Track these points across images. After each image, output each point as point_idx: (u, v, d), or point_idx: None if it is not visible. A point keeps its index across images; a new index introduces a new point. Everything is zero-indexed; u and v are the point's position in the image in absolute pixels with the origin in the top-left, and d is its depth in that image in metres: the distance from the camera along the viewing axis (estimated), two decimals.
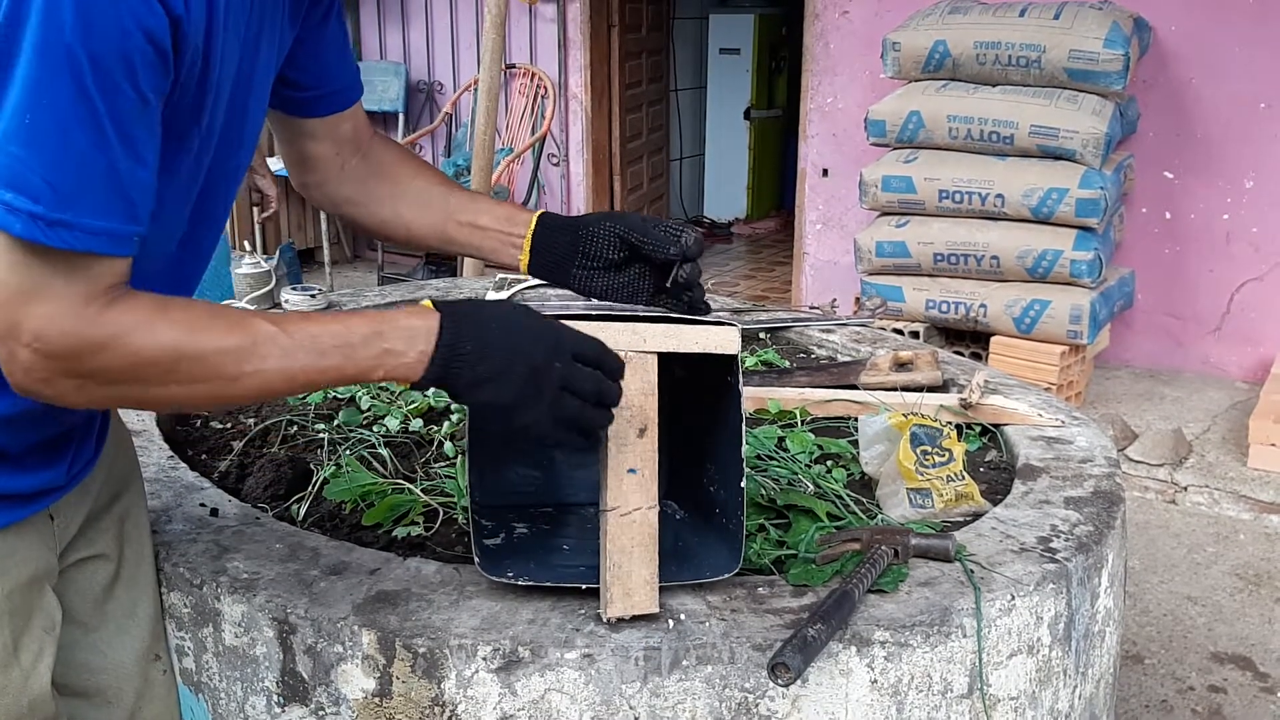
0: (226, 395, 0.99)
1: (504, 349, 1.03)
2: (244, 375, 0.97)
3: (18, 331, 0.89)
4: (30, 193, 0.85)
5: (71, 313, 0.89)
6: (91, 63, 0.85)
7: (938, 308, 4.33)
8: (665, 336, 1.18)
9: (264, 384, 0.98)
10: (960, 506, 1.49)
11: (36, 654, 1.09)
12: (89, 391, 0.94)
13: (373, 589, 1.23)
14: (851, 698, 1.18)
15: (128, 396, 0.98)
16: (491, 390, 1.03)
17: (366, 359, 1.01)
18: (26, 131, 0.84)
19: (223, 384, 0.97)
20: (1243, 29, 4.34)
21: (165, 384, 0.95)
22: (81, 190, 0.87)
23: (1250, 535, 3.56)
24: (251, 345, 0.97)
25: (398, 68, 6.62)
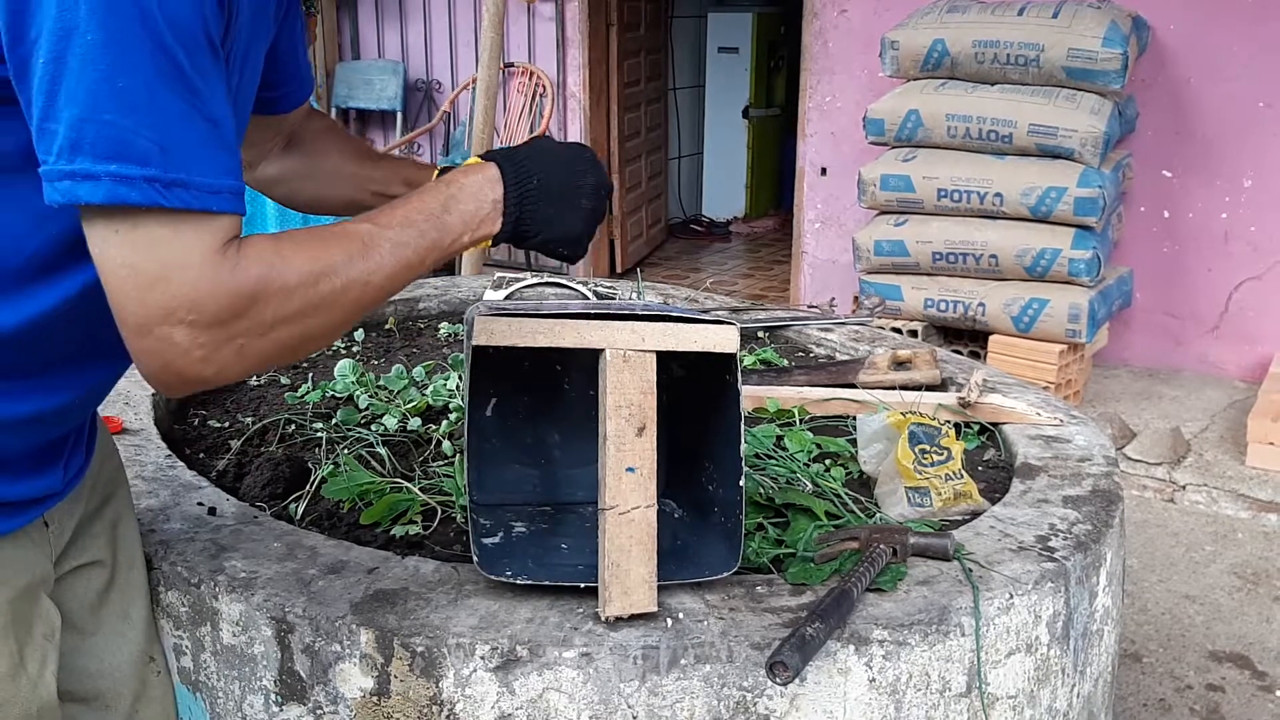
0: (364, 300, 0.98)
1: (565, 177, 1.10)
2: (371, 274, 0.97)
3: (171, 312, 0.85)
4: (138, 158, 0.82)
5: (214, 275, 0.86)
6: (168, 19, 0.82)
7: (936, 306, 4.33)
8: (664, 335, 1.17)
9: (389, 277, 0.99)
10: (959, 505, 1.49)
11: (41, 662, 1.09)
12: (251, 349, 0.91)
13: (371, 588, 1.23)
14: (850, 696, 1.18)
15: (285, 342, 0.94)
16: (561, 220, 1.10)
17: (455, 225, 1.04)
18: (119, 96, 0.81)
19: (358, 290, 0.96)
20: (1242, 28, 4.34)
21: (315, 312, 0.94)
22: (188, 147, 0.84)
23: (1248, 534, 3.56)
24: (363, 245, 0.97)
25: (396, 66, 6.61)
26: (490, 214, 1.06)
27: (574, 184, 1.11)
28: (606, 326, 1.16)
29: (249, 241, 0.91)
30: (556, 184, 1.10)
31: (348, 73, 6.71)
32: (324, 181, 1.37)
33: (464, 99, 6.17)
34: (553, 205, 1.09)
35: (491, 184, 1.07)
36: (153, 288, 0.84)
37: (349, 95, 6.69)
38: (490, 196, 1.06)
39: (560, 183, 1.10)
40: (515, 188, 1.07)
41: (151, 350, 0.87)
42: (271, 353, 0.94)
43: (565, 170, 1.11)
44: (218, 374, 0.90)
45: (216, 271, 0.86)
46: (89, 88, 0.80)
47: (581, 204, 1.12)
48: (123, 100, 0.81)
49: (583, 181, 1.12)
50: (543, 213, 1.08)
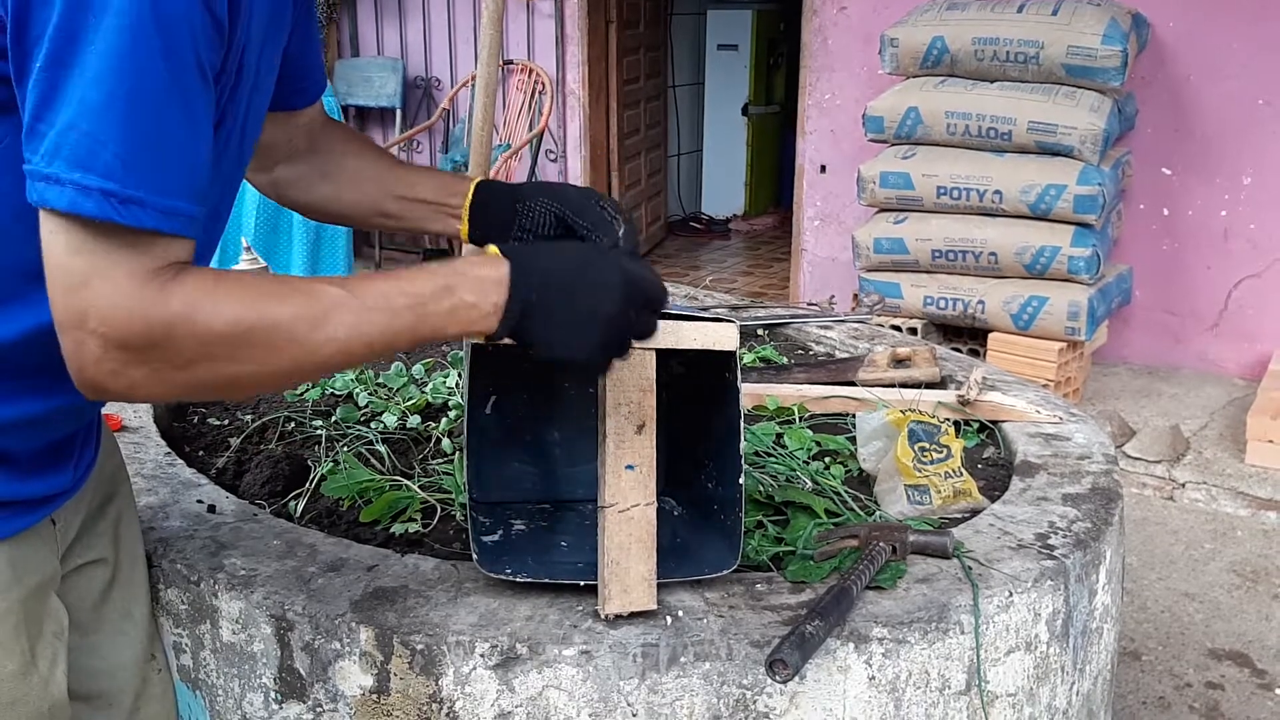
0: (304, 366, 0.94)
1: (579, 301, 1.00)
2: (319, 343, 0.92)
3: (84, 319, 0.85)
4: (101, 170, 0.82)
5: (134, 293, 0.85)
6: (161, 36, 0.83)
7: (936, 304, 4.33)
8: (663, 333, 1.17)
9: (341, 350, 0.94)
10: (958, 503, 1.49)
11: (52, 660, 1.09)
12: (164, 378, 0.89)
13: (370, 586, 1.23)
14: (849, 694, 1.18)
15: (204, 381, 0.91)
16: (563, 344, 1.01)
17: (439, 315, 0.97)
18: (96, 108, 0.82)
19: (299, 354, 0.92)
20: (1241, 26, 4.34)
21: (240, 361, 0.90)
22: (154, 167, 0.84)
23: (1248, 532, 3.56)
24: (323, 311, 0.93)
25: (395, 63, 6.61)
26: (487, 316, 0.98)
27: (589, 306, 1.00)
28: None
29: (188, 272, 0.89)
30: (568, 304, 1.00)
31: (347, 70, 6.71)
32: (344, 183, 1.34)
33: (463, 96, 6.17)
34: (558, 327, 1.00)
35: (497, 286, 0.98)
36: (75, 291, 0.85)
37: (348, 92, 6.68)
38: (492, 299, 0.98)
39: (574, 304, 1.00)
40: (520, 301, 0.99)
41: (69, 351, 0.87)
42: (192, 386, 0.91)
43: (584, 291, 1.01)
44: (129, 391, 0.89)
45: (140, 292, 0.86)
46: (76, 96, 0.82)
47: (592, 330, 1.01)
48: (100, 112, 0.82)
49: (600, 306, 1.01)
50: (544, 332, 1.00)
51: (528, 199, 1.27)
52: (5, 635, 1.04)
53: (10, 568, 1.04)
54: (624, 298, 1.02)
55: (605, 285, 1.01)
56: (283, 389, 0.95)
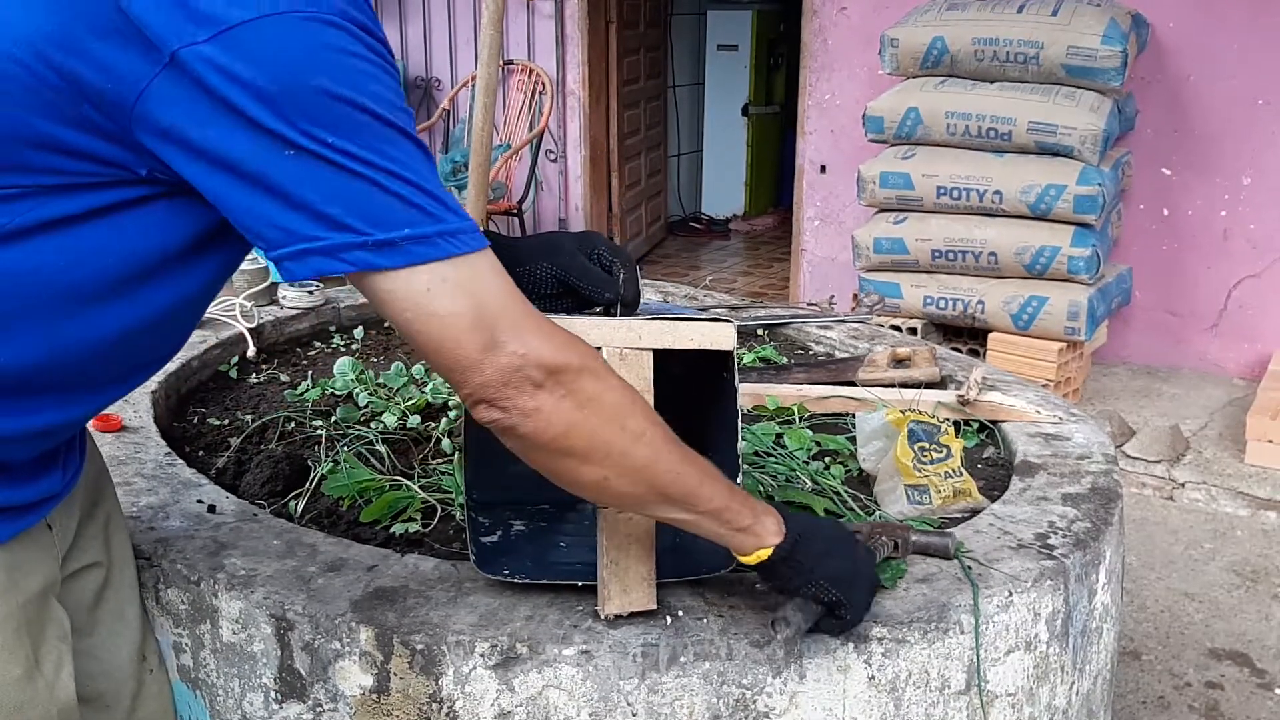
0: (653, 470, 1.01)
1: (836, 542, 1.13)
2: (669, 457, 1.01)
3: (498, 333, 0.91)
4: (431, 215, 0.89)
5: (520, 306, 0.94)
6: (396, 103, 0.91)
7: (935, 304, 4.33)
8: (661, 333, 1.17)
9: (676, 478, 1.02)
10: (958, 503, 1.49)
11: (57, 664, 1.09)
12: (566, 409, 0.94)
13: (370, 585, 1.23)
14: (849, 694, 1.18)
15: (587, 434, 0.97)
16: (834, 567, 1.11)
17: (741, 500, 1.08)
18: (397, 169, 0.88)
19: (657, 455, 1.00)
20: (1241, 26, 4.34)
21: (623, 427, 0.98)
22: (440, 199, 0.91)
23: (1247, 531, 3.56)
24: (665, 433, 1.02)
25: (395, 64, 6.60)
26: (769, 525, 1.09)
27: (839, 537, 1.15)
28: (603, 324, 1.16)
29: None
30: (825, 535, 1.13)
31: None
32: None
33: (463, 96, 6.17)
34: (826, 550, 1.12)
35: (776, 530, 1.10)
36: (482, 330, 0.91)
37: None
38: (772, 515, 1.10)
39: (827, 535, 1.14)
40: (789, 547, 1.10)
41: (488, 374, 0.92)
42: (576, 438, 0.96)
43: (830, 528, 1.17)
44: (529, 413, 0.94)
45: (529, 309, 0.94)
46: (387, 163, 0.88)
47: (852, 556, 1.14)
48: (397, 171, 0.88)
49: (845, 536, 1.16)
50: (818, 547, 1.11)
51: (527, 263, 1.27)
52: (8, 639, 1.03)
53: (8, 572, 1.04)
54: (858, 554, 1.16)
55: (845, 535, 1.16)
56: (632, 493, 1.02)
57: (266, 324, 2.19)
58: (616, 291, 1.22)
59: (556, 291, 1.26)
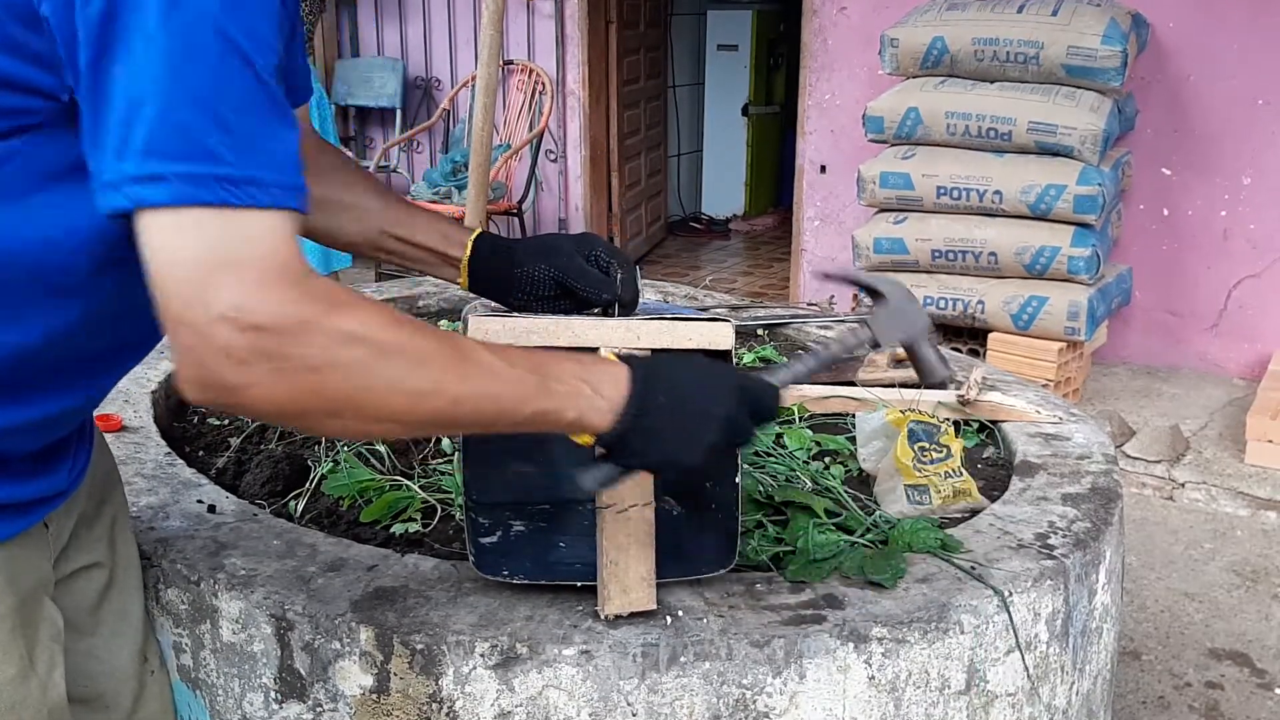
0: (427, 411, 0.88)
1: (692, 411, 1.00)
2: (438, 385, 0.87)
3: (212, 303, 0.78)
4: (208, 157, 0.79)
5: (273, 278, 0.80)
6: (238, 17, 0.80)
7: (935, 304, 4.33)
8: (659, 333, 1.17)
9: (456, 403, 0.88)
10: (958, 503, 1.49)
11: (50, 664, 1.09)
12: (287, 381, 0.81)
13: (370, 585, 1.23)
14: (849, 694, 1.18)
15: (323, 397, 0.84)
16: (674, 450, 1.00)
17: (563, 393, 0.95)
18: (189, 94, 0.78)
19: (420, 389, 0.87)
20: (1241, 26, 4.34)
21: (368, 384, 0.84)
22: (260, 146, 0.81)
23: (1247, 531, 3.56)
24: (448, 351, 0.89)
25: (395, 63, 6.61)
26: (604, 409, 0.96)
27: (704, 411, 1.00)
28: (601, 325, 1.16)
29: (323, 279, 0.85)
30: (683, 408, 0.99)
31: (347, 70, 6.71)
32: (346, 211, 1.32)
33: (463, 96, 6.16)
34: (671, 430, 0.99)
35: (616, 383, 0.98)
36: (198, 279, 0.79)
37: (348, 93, 6.69)
38: (609, 393, 0.97)
39: (688, 409, 0.99)
40: (639, 398, 0.97)
41: (185, 346, 0.81)
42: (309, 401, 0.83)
43: (701, 396, 1.01)
44: (245, 387, 0.81)
45: (277, 279, 0.80)
46: (161, 85, 0.78)
47: (704, 438, 1.00)
48: (195, 98, 0.79)
49: (715, 411, 1.01)
50: (656, 433, 0.98)
51: (526, 264, 1.27)
52: (3, 640, 1.03)
53: (4, 572, 1.03)
54: (738, 401, 1.03)
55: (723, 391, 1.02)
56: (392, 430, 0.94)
57: None
58: (614, 293, 1.22)
59: (554, 293, 1.26)
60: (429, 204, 5.58)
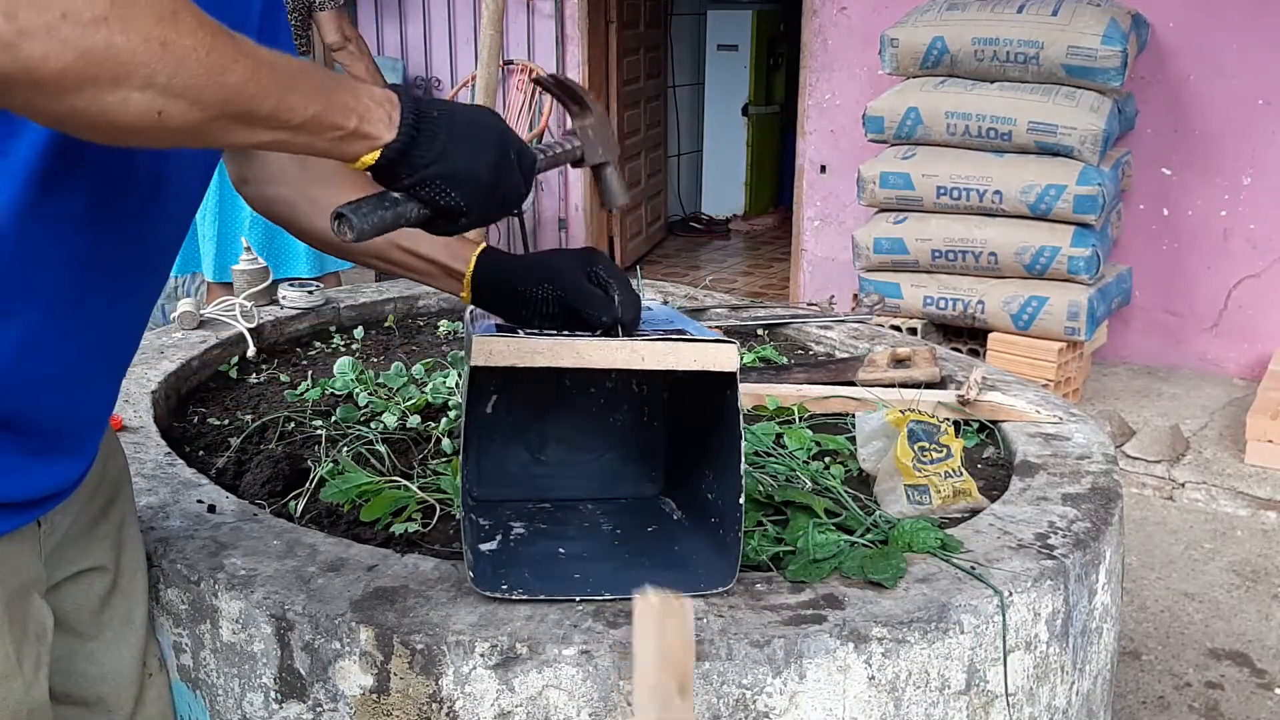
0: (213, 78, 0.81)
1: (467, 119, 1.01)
2: (232, 59, 0.82)
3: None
4: None
5: None
6: None
7: (935, 304, 4.33)
8: (664, 354, 1.18)
9: (248, 81, 0.83)
10: (958, 503, 1.49)
11: (35, 663, 1.08)
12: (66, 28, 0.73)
13: (370, 585, 1.23)
14: (849, 694, 1.18)
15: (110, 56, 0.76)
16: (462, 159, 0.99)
17: (343, 103, 0.92)
18: None
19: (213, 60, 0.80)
20: (1241, 26, 4.34)
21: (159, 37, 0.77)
22: None
23: (1247, 531, 3.56)
24: (235, 36, 0.84)
25: (395, 63, 6.61)
26: (383, 120, 0.95)
27: (477, 121, 1.02)
28: (606, 345, 1.16)
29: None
30: (457, 117, 1.00)
31: None
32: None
33: (463, 96, 6.17)
34: (453, 138, 0.99)
35: (392, 99, 0.97)
36: None
37: None
38: (390, 108, 0.96)
39: (461, 117, 1.01)
40: (412, 110, 0.97)
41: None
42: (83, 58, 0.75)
43: (470, 111, 1.03)
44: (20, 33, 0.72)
45: None
46: None
47: (486, 149, 1.01)
48: None
49: (488, 121, 1.03)
50: (440, 140, 0.98)
51: (529, 283, 1.26)
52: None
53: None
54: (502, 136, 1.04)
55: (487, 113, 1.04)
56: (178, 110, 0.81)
57: (266, 324, 2.19)
58: (614, 315, 1.22)
59: (556, 311, 1.26)
60: None
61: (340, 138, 0.93)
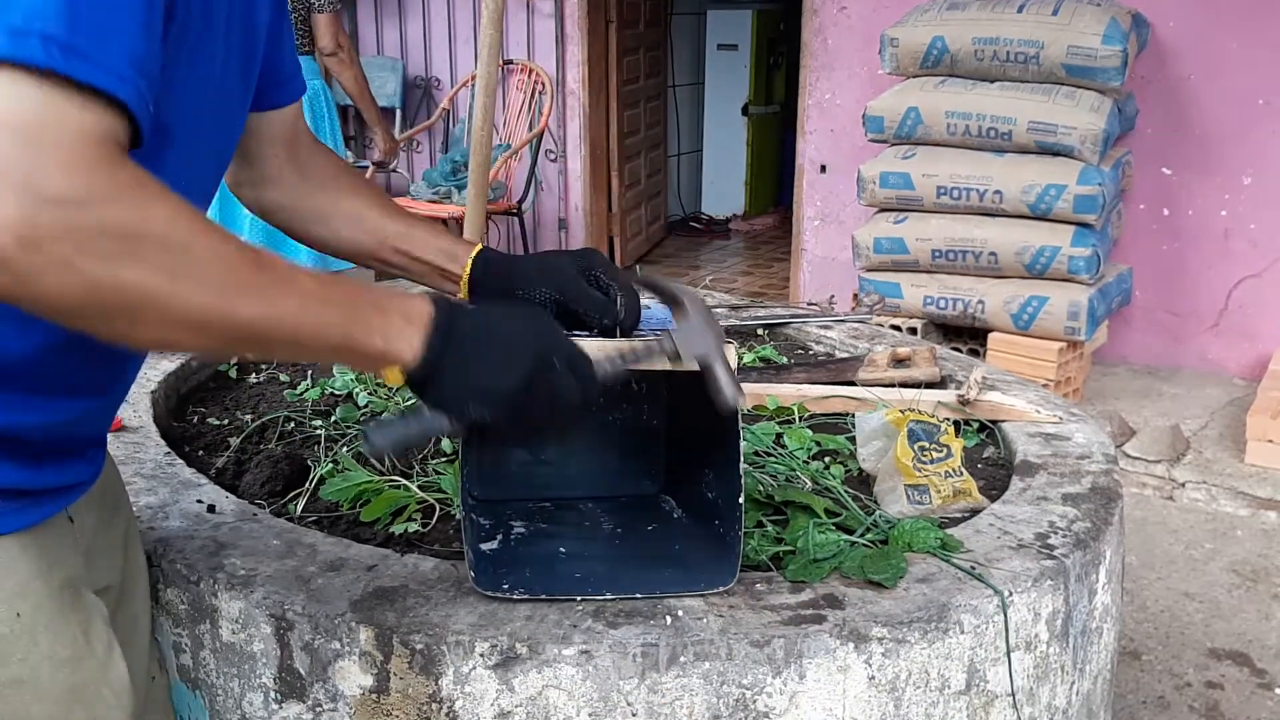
0: (236, 319, 0.82)
1: (502, 333, 0.97)
2: (246, 291, 0.82)
3: (8, 169, 0.72)
4: (49, 18, 0.74)
5: (79, 151, 0.74)
6: None
7: (936, 304, 4.33)
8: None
9: (265, 314, 0.83)
10: (958, 503, 1.49)
11: (107, 645, 1.06)
12: (80, 262, 0.74)
13: (370, 585, 1.23)
14: (849, 694, 1.18)
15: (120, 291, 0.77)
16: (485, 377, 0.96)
17: (368, 322, 0.90)
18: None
19: (226, 293, 0.81)
20: (1241, 26, 4.34)
21: (170, 270, 0.78)
22: (105, 27, 0.76)
23: (1247, 531, 3.56)
24: (256, 260, 0.84)
25: (395, 63, 6.61)
26: (409, 336, 0.93)
27: (514, 334, 0.97)
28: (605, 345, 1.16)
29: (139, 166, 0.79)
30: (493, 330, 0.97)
31: None
32: (346, 221, 1.30)
33: (463, 96, 6.17)
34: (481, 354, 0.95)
35: (422, 313, 0.94)
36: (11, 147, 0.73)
37: None
38: (418, 320, 0.93)
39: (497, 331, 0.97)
40: (443, 324, 0.94)
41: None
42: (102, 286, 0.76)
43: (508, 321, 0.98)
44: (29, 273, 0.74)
45: (83, 152, 0.74)
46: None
47: (519, 363, 0.96)
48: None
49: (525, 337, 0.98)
50: (465, 356, 0.94)
51: (526, 285, 1.25)
52: (52, 619, 1.00)
53: (42, 555, 1.00)
54: (551, 334, 1.00)
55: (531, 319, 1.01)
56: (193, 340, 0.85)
57: None
58: (614, 317, 1.21)
59: (554, 313, 1.25)
60: (429, 204, 5.58)
61: (364, 358, 0.92)
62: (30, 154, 0.73)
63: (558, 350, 1.00)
